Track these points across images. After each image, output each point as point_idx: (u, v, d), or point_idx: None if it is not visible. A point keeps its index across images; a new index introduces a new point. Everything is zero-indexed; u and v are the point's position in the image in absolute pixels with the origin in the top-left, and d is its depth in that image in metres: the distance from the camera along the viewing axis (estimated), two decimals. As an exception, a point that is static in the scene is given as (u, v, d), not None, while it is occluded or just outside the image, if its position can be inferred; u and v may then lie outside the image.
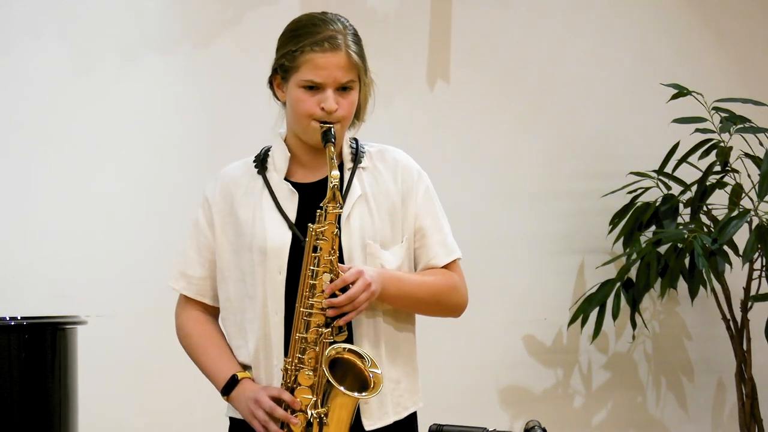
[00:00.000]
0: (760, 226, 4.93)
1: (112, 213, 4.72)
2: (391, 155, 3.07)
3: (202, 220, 3.05)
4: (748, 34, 5.64)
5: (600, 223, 5.30)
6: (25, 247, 4.61)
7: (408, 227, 3.02)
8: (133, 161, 4.75)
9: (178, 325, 3.10)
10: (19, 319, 3.69)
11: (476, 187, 5.21)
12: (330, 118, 2.93)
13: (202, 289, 3.06)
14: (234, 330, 3.01)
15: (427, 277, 3.02)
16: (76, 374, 3.81)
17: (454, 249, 3.08)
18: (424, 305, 3.03)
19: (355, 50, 2.97)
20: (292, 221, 2.96)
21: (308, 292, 2.88)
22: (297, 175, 3.02)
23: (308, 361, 2.88)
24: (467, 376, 5.16)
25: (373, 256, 2.96)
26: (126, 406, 4.66)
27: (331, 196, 2.88)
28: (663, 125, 5.18)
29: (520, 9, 5.29)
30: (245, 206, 3.00)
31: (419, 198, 3.04)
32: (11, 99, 4.63)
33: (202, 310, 3.07)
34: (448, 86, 5.19)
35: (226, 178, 3.05)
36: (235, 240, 3.00)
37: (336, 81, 2.93)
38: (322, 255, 2.88)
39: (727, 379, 5.46)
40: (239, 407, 2.95)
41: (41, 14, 4.65)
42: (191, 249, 3.06)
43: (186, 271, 3.06)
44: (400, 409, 3.03)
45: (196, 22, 4.86)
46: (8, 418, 3.64)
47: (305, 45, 2.93)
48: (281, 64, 2.97)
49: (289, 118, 3.02)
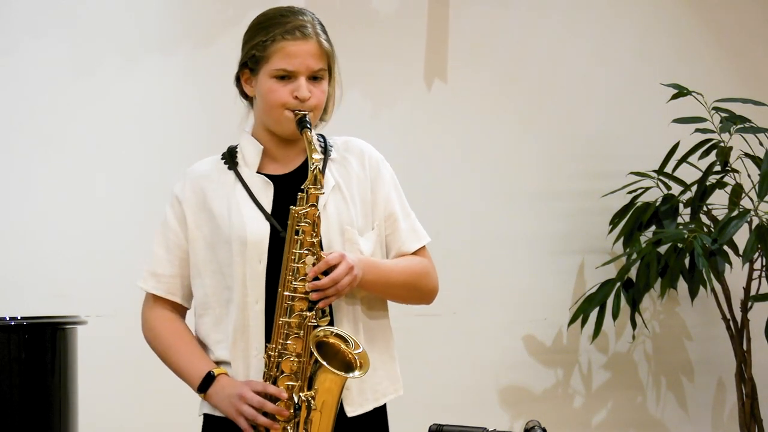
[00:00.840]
0: (760, 226, 4.93)
1: (112, 213, 4.71)
2: (356, 144, 3.08)
3: (171, 219, 3.04)
4: (748, 34, 5.64)
5: (600, 223, 5.30)
6: (25, 247, 4.61)
7: (378, 213, 3.03)
8: (133, 161, 4.75)
9: (147, 325, 3.08)
10: (19, 319, 3.69)
11: (476, 187, 5.21)
12: (303, 106, 2.94)
13: (172, 288, 3.05)
14: (212, 324, 2.99)
15: (401, 262, 3.03)
16: (76, 374, 3.82)
17: (423, 234, 3.09)
18: (400, 291, 3.03)
19: (325, 39, 2.99)
20: (268, 212, 2.96)
21: (291, 276, 2.87)
22: (268, 169, 3.02)
23: (292, 347, 2.87)
24: (467, 376, 5.16)
25: (351, 242, 2.96)
26: (126, 406, 4.66)
27: (313, 179, 2.88)
28: (663, 125, 5.18)
29: (519, 9, 5.29)
30: (218, 200, 2.99)
31: (387, 184, 3.05)
32: (11, 99, 4.63)
33: (171, 309, 3.06)
34: (447, 86, 5.19)
35: (195, 175, 3.05)
36: (211, 234, 2.99)
37: (308, 68, 2.95)
38: (305, 238, 2.87)
39: (727, 379, 5.46)
40: (220, 404, 2.93)
41: (42, 15, 4.65)
42: (160, 248, 3.05)
43: (155, 270, 3.06)
44: (379, 395, 3.02)
45: (197, 22, 4.86)
46: (8, 418, 3.65)
47: (276, 34, 2.94)
48: (251, 55, 2.98)
49: (259, 112, 3.02)
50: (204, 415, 3.03)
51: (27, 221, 4.62)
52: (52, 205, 4.64)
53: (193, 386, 2.98)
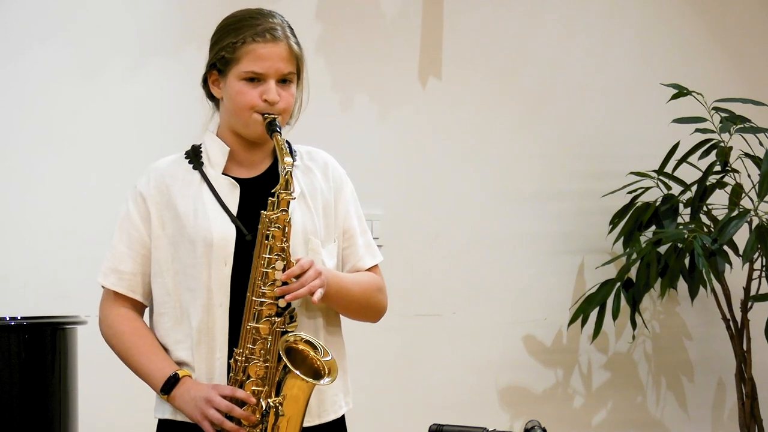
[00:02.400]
0: (760, 226, 4.93)
1: (113, 213, 4.69)
2: (320, 155, 3.07)
3: (134, 214, 3.00)
4: (748, 34, 5.64)
5: (600, 223, 5.30)
6: (25, 247, 4.61)
7: (338, 226, 3.02)
8: (133, 161, 4.74)
9: (106, 323, 3.03)
10: (19, 319, 3.69)
11: (476, 187, 5.21)
12: (272, 109, 2.92)
13: (133, 285, 3.00)
14: (172, 324, 2.95)
15: (360, 277, 3.02)
16: (76, 374, 3.81)
17: (378, 252, 3.09)
18: (356, 305, 3.01)
19: (295, 42, 2.97)
20: (234, 214, 2.94)
21: (260, 281, 2.85)
22: (233, 171, 2.99)
23: (259, 352, 2.84)
24: (467, 376, 5.16)
25: (314, 252, 2.94)
26: (126, 406, 4.65)
27: (284, 183, 2.85)
28: (663, 125, 5.18)
29: (519, 9, 5.29)
30: (184, 199, 2.96)
31: (347, 199, 3.04)
32: (11, 99, 4.63)
33: (131, 307, 3.01)
34: (447, 86, 5.18)
35: (160, 172, 3.01)
36: (174, 233, 2.95)
37: (278, 72, 2.93)
38: (275, 243, 2.85)
39: (727, 379, 5.46)
40: (184, 407, 2.88)
41: (43, 17, 4.65)
42: (122, 244, 3.01)
43: (117, 267, 3.01)
44: (337, 407, 3.01)
45: (198, 24, 4.86)
46: (8, 418, 3.65)
47: (246, 36, 2.92)
48: (220, 57, 2.96)
49: (226, 114, 3.00)
50: (159, 420, 2.99)
51: (27, 221, 4.62)
52: (52, 205, 4.64)
53: (156, 387, 2.93)
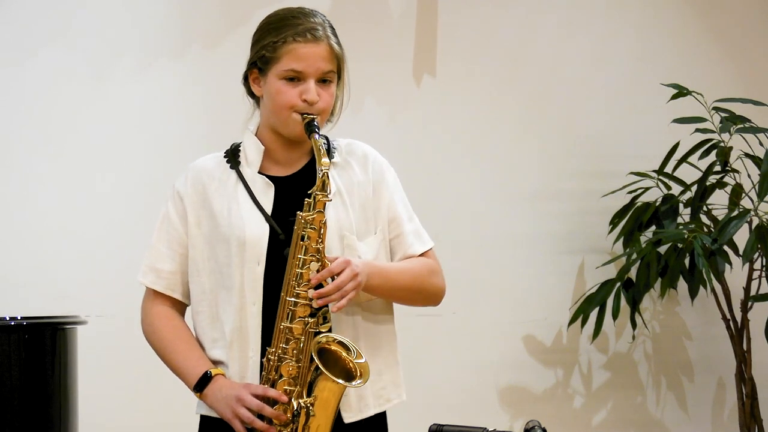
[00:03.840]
0: (760, 226, 4.93)
1: (112, 213, 4.72)
2: (359, 147, 3.07)
3: (172, 214, 3.02)
4: (748, 34, 5.63)
5: (600, 223, 5.30)
6: (25, 247, 4.61)
7: (381, 217, 3.02)
8: (133, 162, 4.75)
9: (146, 321, 3.06)
10: (19, 319, 3.69)
11: (476, 187, 5.21)
12: (311, 109, 2.93)
13: (171, 284, 3.03)
14: (209, 322, 2.98)
15: (406, 264, 3.01)
16: (76, 374, 3.81)
17: (427, 238, 3.08)
18: (407, 292, 3.01)
19: (336, 42, 2.97)
20: (268, 213, 2.95)
21: (295, 281, 2.86)
22: (270, 170, 3.01)
23: (292, 352, 2.85)
24: (467, 376, 5.16)
25: (350, 247, 2.95)
26: (126, 406, 4.66)
27: (321, 184, 2.86)
28: (663, 125, 5.18)
29: (520, 9, 5.29)
30: (219, 198, 2.98)
31: (390, 188, 3.04)
32: (11, 99, 4.64)
33: (170, 306, 3.04)
34: (446, 86, 5.18)
35: (197, 171, 3.03)
36: (210, 231, 2.97)
37: (318, 71, 2.93)
38: (310, 244, 2.86)
39: (727, 379, 5.46)
40: (216, 405, 2.90)
41: (45, 19, 4.65)
42: (161, 243, 3.03)
43: (155, 265, 3.03)
44: (383, 401, 3.00)
45: (200, 25, 4.86)
46: (8, 418, 3.65)
47: (287, 36, 2.93)
48: (261, 56, 2.96)
49: (265, 112, 3.00)
50: (201, 417, 3.01)
51: (27, 221, 4.62)
52: (52, 206, 4.64)
53: (190, 385, 2.96)
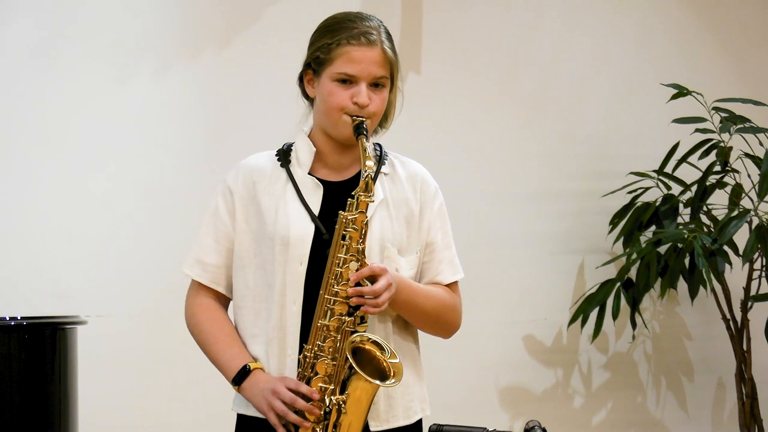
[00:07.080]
0: (760, 226, 4.93)
1: (112, 213, 4.72)
2: (412, 166, 3.10)
3: (222, 208, 3.04)
4: (748, 34, 5.64)
5: (600, 223, 5.30)
6: (25, 247, 4.61)
7: (421, 239, 3.04)
8: (133, 162, 4.76)
9: (190, 312, 3.08)
10: (19, 319, 3.69)
11: (476, 187, 5.21)
12: (362, 112, 2.94)
13: (216, 277, 3.04)
14: (251, 317, 3.00)
15: (434, 290, 3.04)
16: (76, 374, 3.81)
17: (460, 269, 3.11)
18: (425, 318, 3.04)
19: (390, 47, 2.99)
20: (315, 214, 2.97)
21: (334, 280, 2.88)
22: (320, 173, 3.03)
23: (328, 350, 2.88)
24: (467, 376, 5.16)
25: (390, 259, 2.97)
26: (126, 406, 4.66)
27: (364, 186, 2.88)
28: (663, 125, 5.18)
29: (519, 8, 5.29)
30: (268, 196, 3.00)
31: (434, 212, 3.07)
32: (11, 99, 4.64)
33: (214, 299, 3.06)
34: (445, 85, 5.18)
35: (249, 168, 3.05)
36: (257, 228, 3.00)
37: (370, 75, 2.95)
38: (351, 243, 2.88)
39: (727, 379, 5.46)
40: (252, 398, 2.93)
41: (46, 19, 4.65)
42: (209, 236, 3.05)
43: (202, 258, 3.05)
44: (411, 413, 3.03)
45: (201, 28, 4.87)
46: (8, 418, 3.65)
47: (341, 38, 2.95)
48: (315, 57, 2.98)
49: (318, 114, 3.03)
50: (237, 415, 3.03)
51: (27, 221, 4.62)
52: (52, 206, 4.64)
53: (228, 378, 2.98)
